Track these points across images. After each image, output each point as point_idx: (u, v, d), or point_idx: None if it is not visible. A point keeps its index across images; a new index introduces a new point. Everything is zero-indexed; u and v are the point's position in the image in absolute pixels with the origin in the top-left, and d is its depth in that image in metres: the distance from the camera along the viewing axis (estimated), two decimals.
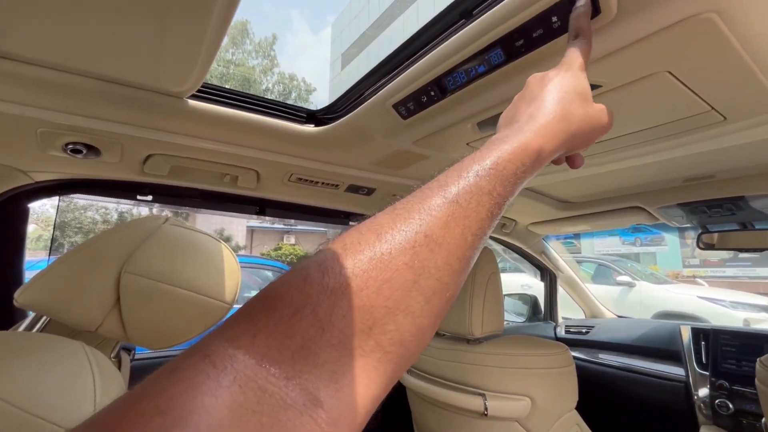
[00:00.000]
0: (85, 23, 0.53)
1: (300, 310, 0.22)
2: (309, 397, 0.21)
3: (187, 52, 0.60)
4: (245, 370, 0.20)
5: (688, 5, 0.46)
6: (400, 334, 0.24)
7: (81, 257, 0.62)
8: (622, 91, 0.67)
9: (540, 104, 0.37)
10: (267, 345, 0.21)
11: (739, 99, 0.67)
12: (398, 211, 0.28)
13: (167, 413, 0.17)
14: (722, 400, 1.50)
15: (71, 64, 0.66)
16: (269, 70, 15.91)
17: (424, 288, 0.26)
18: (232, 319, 0.23)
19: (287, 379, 0.20)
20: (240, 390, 0.19)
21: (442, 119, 0.81)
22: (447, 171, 0.31)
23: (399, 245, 0.26)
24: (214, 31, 0.55)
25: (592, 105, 0.40)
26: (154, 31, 0.55)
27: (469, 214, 0.28)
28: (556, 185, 1.47)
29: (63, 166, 1.00)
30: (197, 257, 0.68)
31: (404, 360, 0.25)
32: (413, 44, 0.72)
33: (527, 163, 0.33)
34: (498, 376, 1.04)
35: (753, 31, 0.50)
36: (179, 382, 0.18)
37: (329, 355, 0.22)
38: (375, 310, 0.24)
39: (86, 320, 0.60)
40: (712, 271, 9.94)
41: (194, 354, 0.20)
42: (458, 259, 0.28)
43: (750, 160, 1.09)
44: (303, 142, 1.04)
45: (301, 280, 0.24)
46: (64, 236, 9.16)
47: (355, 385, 0.22)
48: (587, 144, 0.41)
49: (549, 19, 0.52)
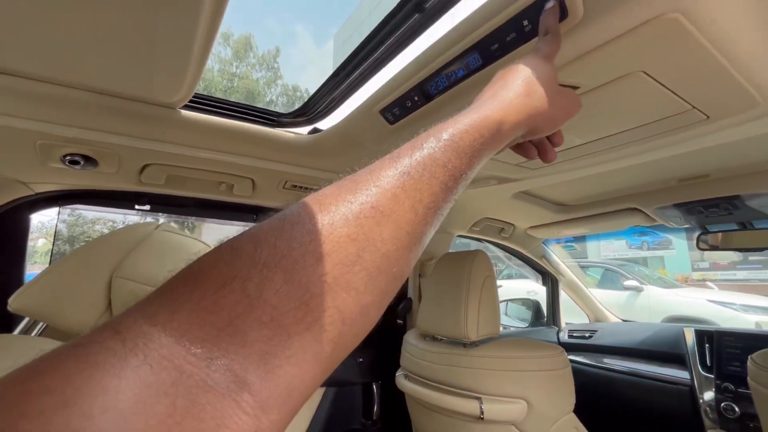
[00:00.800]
0: (76, 37, 0.56)
1: (227, 284, 0.20)
2: (234, 378, 0.19)
3: (176, 62, 0.63)
4: (160, 348, 0.18)
5: (651, 6, 0.47)
6: (340, 312, 0.23)
7: (73, 263, 0.64)
8: (601, 92, 0.68)
9: (504, 83, 0.38)
10: (188, 322, 0.19)
11: (719, 97, 0.68)
12: (345, 182, 0.27)
13: (55, 393, 0.15)
14: (728, 403, 1.47)
15: (66, 78, 0.68)
16: (273, 82, 16.14)
17: (368, 262, 0.24)
18: (153, 294, 0.21)
19: (210, 359, 0.19)
20: (151, 370, 0.17)
21: (428, 123, 0.82)
22: (403, 145, 0.30)
23: (342, 216, 0.24)
24: (201, 41, 0.57)
25: (558, 87, 0.41)
26: (145, 43, 0.57)
27: (421, 187, 0.27)
28: (552, 188, 1.47)
29: (62, 177, 1.03)
30: (186, 261, 0.70)
31: (346, 339, 0.23)
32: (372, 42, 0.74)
33: (486, 135, 0.32)
34: (494, 379, 1.04)
35: (721, 29, 0.51)
36: (79, 359, 0.17)
37: (259, 334, 0.20)
38: (312, 285, 0.22)
39: (78, 324, 0.62)
40: (722, 274, 9.77)
41: (104, 330, 0.18)
42: (407, 234, 0.26)
43: (743, 158, 1.09)
44: (296, 150, 1.06)
45: (230, 253, 0.22)
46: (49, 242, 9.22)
47: (289, 366, 0.20)
48: (554, 125, 0.41)
49: (520, 23, 0.54)
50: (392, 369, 1.41)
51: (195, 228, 7.39)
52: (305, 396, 0.22)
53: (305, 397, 0.22)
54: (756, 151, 1.04)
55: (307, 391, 0.22)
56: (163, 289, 0.21)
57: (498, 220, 1.82)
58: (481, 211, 1.72)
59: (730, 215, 1.41)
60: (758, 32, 0.52)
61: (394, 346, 1.53)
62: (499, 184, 1.26)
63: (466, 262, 1.18)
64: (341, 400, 1.49)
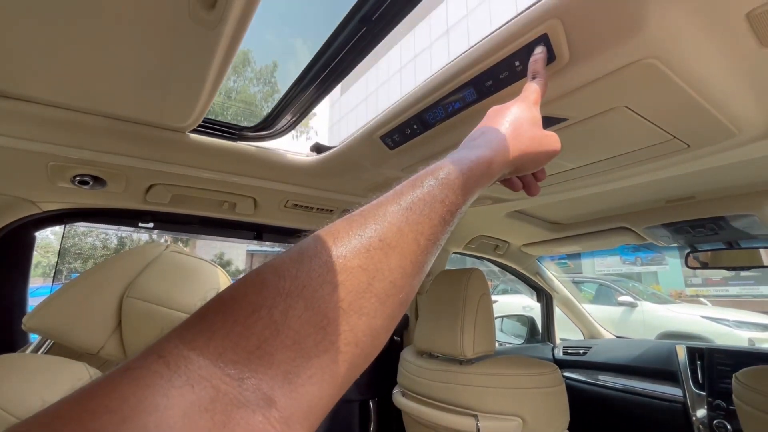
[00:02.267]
0: (92, 65, 0.59)
1: (256, 312, 0.23)
2: (263, 396, 0.21)
3: (190, 90, 0.66)
4: (199, 370, 0.20)
5: (629, 53, 0.52)
6: (354, 335, 0.25)
7: (85, 284, 0.67)
8: (589, 123, 0.72)
9: (494, 126, 0.42)
10: (222, 346, 0.21)
11: (697, 129, 0.73)
12: (355, 217, 0.29)
13: (116, 412, 0.17)
14: (720, 421, 1.49)
15: (82, 104, 0.72)
16: (270, 96, 16.32)
17: (378, 290, 0.27)
18: (188, 321, 0.23)
19: (241, 379, 0.21)
20: (192, 390, 0.19)
21: (426, 149, 0.87)
22: (404, 182, 0.33)
23: (354, 249, 0.27)
24: (216, 70, 0.61)
25: (542, 130, 0.45)
26: (160, 71, 0.61)
27: (422, 220, 0.30)
28: (546, 207, 1.52)
29: (70, 196, 1.05)
30: (195, 282, 0.72)
31: (359, 360, 0.26)
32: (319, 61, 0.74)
33: (477, 174, 0.36)
34: (489, 396, 1.06)
35: (693, 71, 0.56)
36: (131, 381, 0.19)
37: (284, 356, 0.22)
38: (329, 311, 0.24)
39: (89, 343, 0.64)
40: (714, 290, 9.85)
41: (149, 355, 0.20)
42: (411, 263, 0.29)
43: (725, 182, 1.14)
44: (298, 171, 1.10)
45: (257, 284, 0.24)
46: (63, 262, 9.14)
47: (309, 385, 0.23)
48: (537, 164, 0.45)
49: (513, 63, 0.59)
50: (389, 386, 1.42)
51: (189, 243, 7.30)
52: (324, 412, 0.24)
53: (324, 413, 0.24)
54: (737, 176, 1.09)
55: (326, 408, 0.24)
56: (199, 316, 0.23)
57: (493, 237, 1.86)
58: (477, 229, 1.75)
59: (716, 235, 1.46)
60: (727, 72, 0.57)
61: (391, 363, 1.54)
62: (494, 203, 1.30)
63: (462, 280, 1.21)
64: (338, 418, 1.49)
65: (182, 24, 0.51)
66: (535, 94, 0.48)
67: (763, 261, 1.55)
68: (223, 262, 12.32)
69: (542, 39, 0.54)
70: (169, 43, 0.54)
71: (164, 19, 0.50)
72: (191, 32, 0.52)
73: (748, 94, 0.61)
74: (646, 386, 1.75)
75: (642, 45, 0.51)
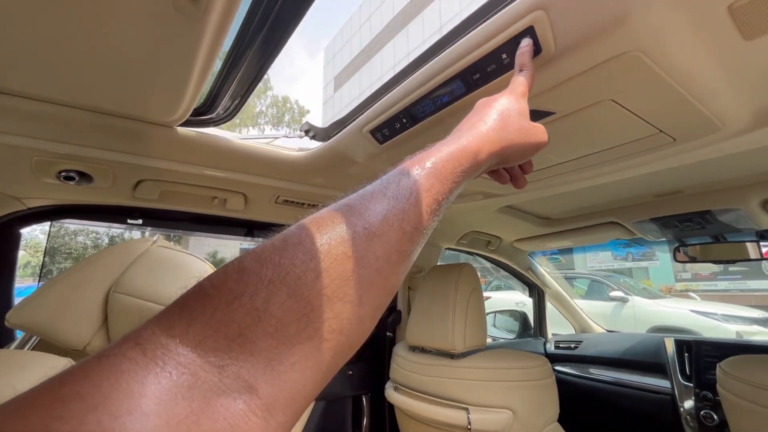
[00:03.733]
0: (77, 59, 0.58)
1: (237, 299, 0.22)
2: (244, 383, 0.21)
3: (176, 84, 0.65)
4: (177, 357, 0.20)
5: (614, 46, 0.53)
6: (338, 322, 0.25)
7: (71, 279, 0.66)
8: (576, 117, 0.73)
9: (482, 117, 0.42)
10: (202, 333, 0.21)
11: (683, 122, 0.74)
12: (340, 205, 0.29)
13: (87, 398, 0.17)
14: (707, 411, 1.52)
15: (64, 98, 0.70)
16: (263, 93, 16.19)
17: (362, 277, 0.27)
18: (168, 309, 0.23)
19: (222, 366, 0.21)
20: (170, 377, 0.19)
21: (416, 143, 0.87)
22: (390, 172, 0.33)
23: (338, 236, 0.27)
24: (202, 64, 0.60)
25: (529, 122, 0.45)
26: (145, 65, 0.59)
27: (408, 209, 0.30)
28: (536, 203, 1.53)
29: (56, 193, 1.04)
30: (182, 276, 0.72)
31: (344, 348, 0.26)
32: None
33: (464, 163, 0.36)
34: (480, 389, 1.06)
35: (678, 66, 0.57)
36: (105, 368, 0.18)
37: (266, 343, 0.22)
38: (313, 299, 0.24)
39: (75, 339, 0.63)
40: (704, 285, 10.02)
41: (125, 342, 0.20)
42: (397, 251, 0.29)
43: (712, 176, 1.16)
44: (288, 166, 1.09)
45: (239, 271, 0.24)
46: (53, 262, 9.00)
47: (292, 372, 0.23)
48: (524, 156, 0.45)
49: (500, 56, 0.59)
50: (382, 381, 1.42)
51: (181, 240, 7.25)
52: (308, 400, 0.24)
53: (308, 401, 0.24)
54: (723, 170, 1.11)
55: (310, 396, 0.24)
56: (178, 304, 0.23)
57: (485, 233, 1.87)
58: (469, 225, 1.76)
59: (703, 229, 1.48)
60: (710, 65, 0.57)
61: (384, 358, 1.54)
62: (485, 198, 1.31)
63: (454, 275, 1.21)
64: (331, 414, 1.49)
65: (166, 14, 0.50)
66: (523, 87, 0.48)
67: (749, 254, 1.58)
68: (217, 260, 12.25)
69: (528, 31, 0.54)
70: (153, 34, 0.54)
71: (147, 9, 0.50)
72: (175, 23, 0.51)
73: (731, 88, 0.62)
74: (636, 379, 1.78)
75: (626, 38, 0.52)
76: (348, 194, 0.31)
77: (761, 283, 9.10)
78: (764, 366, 0.93)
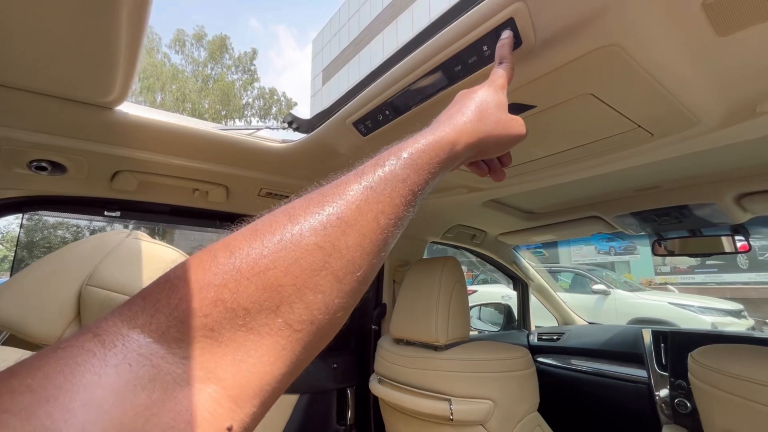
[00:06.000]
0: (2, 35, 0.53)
1: (203, 290, 0.22)
2: (209, 375, 0.21)
3: (105, 60, 0.60)
4: (139, 348, 0.19)
5: (592, 39, 0.53)
6: (310, 313, 0.25)
7: (41, 271, 0.64)
8: (556, 111, 0.73)
9: (460, 108, 0.42)
10: (166, 324, 0.21)
11: (660, 117, 0.75)
12: (313, 196, 0.29)
13: (37, 391, 0.16)
14: (681, 399, 1.57)
15: (8, 79, 0.64)
16: (249, 84, 15.91)
17: (335, 268, 0.26)
18: (131, 300, 0.22)
19: (186, 357, 0.20)
20: (129, 368, 0.19)
21: (399, 135, 0.86)
22: (366, 162, 0.33)
23: (310, 226, 0.26)
24: (127, 38, 0.55)
25: (508, 114, 0.45)
26: (66, 38, 0.54)
27: (383, 199, 0.30)
28: (520, 197, 1.55)
29: (28, 183, 1.00)
30: (158, 269, 0.70)
31: (315, 339, 0.26)
32: None
33: (441, 154, 0.35)
34: (462, 380, 1.08)
35: (654, 60, 0.58)
36: (59, 360, 0.18)
37: (233, 334, 0.22)
38: (283, 289, 0.24)
39: (45, 333, 0.61)
40: (682, 278, 10.34)
41: (83, 334, 0.20)
42: (370, 242, 0.29)
43: (688, 171, 1.19)
44: (271, 158, 1.08)
45: (206, 261, 0.24)
46: (31, 256, 8.75)
47: (261, 364, 0.22)
48: (502, 148, 0.45)
49: (480, 48, 0.59)
50: (366, 374, 1.43)
51: (165, 234, 7.12)
52: (278, 392, 0.24)
53: (278, 392, 0.24)
54: (699, 166, 1.13)
55: (279, 387, 0.24)
56: (141, 294, 0.23)
57: (470, 227, 1.88)
58: (454, 219, 1.77)
59: (681, 223, 1.52)
60: (686, 60, 0.58)
61: (369, 351, 1.55)
62: (470, 192, 1.31)
63: (438, 269, 1.22)
64: (315, 406, 1.49)
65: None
66: (502, 79, 0.48)
67: (724, 248, 1.63)
68: None
69: (509, 23, 0.54)
70: (74, 6, 0.49)
71: None
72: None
73: (705, 83, 0.63)
74: (614, 369, 1.83)
75: (604, 31, 0.52)
76: (323, 184, 0.31)
77: (736, 276, 9.44)
78: (732, 354, 0.96)
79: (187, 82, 13.91)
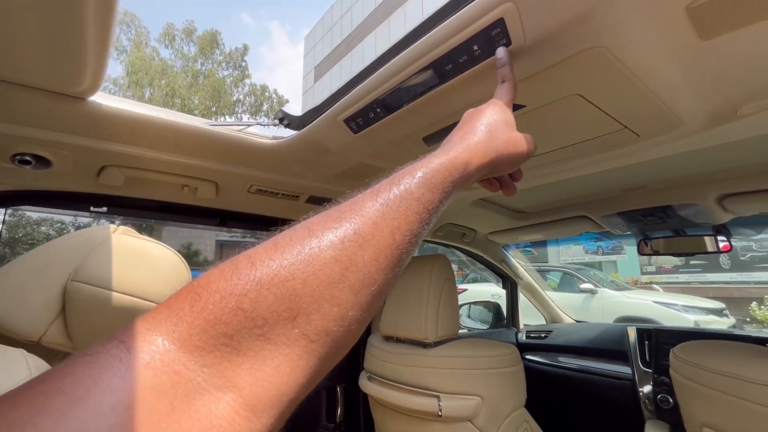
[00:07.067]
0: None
1: (225, 299, 0.23)
2: (228, 383, 0.21)
3: (73, 47, 0.58)
4: (162, 355, 0.20)
5: (580, 41, 0.54)
6: (326, 324, 0.25)
7: (25, 266, 0.62)
8: (545, 111, 0.75)
9: (471, 128, 0.43)
10: (188, 332, 0.22)
11: (646, 118, 0.77)
12: (330, 211, 0.30)
13: (68, 393, 0.17)
14: (664, 395, 1.61)
15: None
16: (240, 80, 15.74)
17: (351, 281, 0.27)
18: (157, 307, 0.23)
19: (206, 365, 0.21)
20: (153, 374, 0.19)
21: (391, 133, 0.87)
22: (382, 181, 0.34)
23: (328, 240, 0.27)
24: (97, 23, 0.53)
25: (516, 132, 0.47)
26: (33, 25, 0.53)
27: (398, 216, 0.31)
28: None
29: (11, 178, 0.98)
30: (146, 265, 0.69)
31: (331, 350, 0.26)
32: None
33: (455, 174, 0.37)
34: (451, 377, 1.09)
35: (640, 62, 0.59)
36: (87, 365, 0.19)
37: (252, 344, 0.23)
38: (301, 300, 0.25)
39: (28, 329, 0.60)
40: (666, 278, 10.56)
41: (110, 341, 0.21)
42: (386, 257, 0.29)
43: (673, 172, 1.21)
44: (261, 155, 1.07)
45: (228, 272, 0.24)
46: (13, 254, 8.56)
47: (278, 374, 0.23)
48: (513, 166, 0.47)
49: (471, 48, 0.59)
50: (356, 372, 1.43)
51: (153, 231, 7.01)
52: (294, 401, 0.25)
53: (294, 402, 0.25)
54: (683, 167, 1.16)
55: (296, 397, 0.25)
56: (167, 303, 0.24)
57: (460, 225, 1.90)
58: (445, 217, 1.78)
59: (665, 223, 1.56)
60: (670, 63, 0.60)
61: (359, 349, 1.55)
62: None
63: (428, 267, 1.23)
64: (304, 404, 1.49)
65: None
66: (507, 96, 0.50)
67: (707, 248, 1.67)
68: (191, 252, 11.93)
69: (499, 24, 0.55)
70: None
71: None
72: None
73: (689, 86, 0.65)
74: (600, 366, 1.87)
75: (592, 33, 0.53)
76: (340, 201, 0.32)
77: (718, 276, 9.67)
78: (712, 350, 0.99)
79: (177, 78, 13.72)
